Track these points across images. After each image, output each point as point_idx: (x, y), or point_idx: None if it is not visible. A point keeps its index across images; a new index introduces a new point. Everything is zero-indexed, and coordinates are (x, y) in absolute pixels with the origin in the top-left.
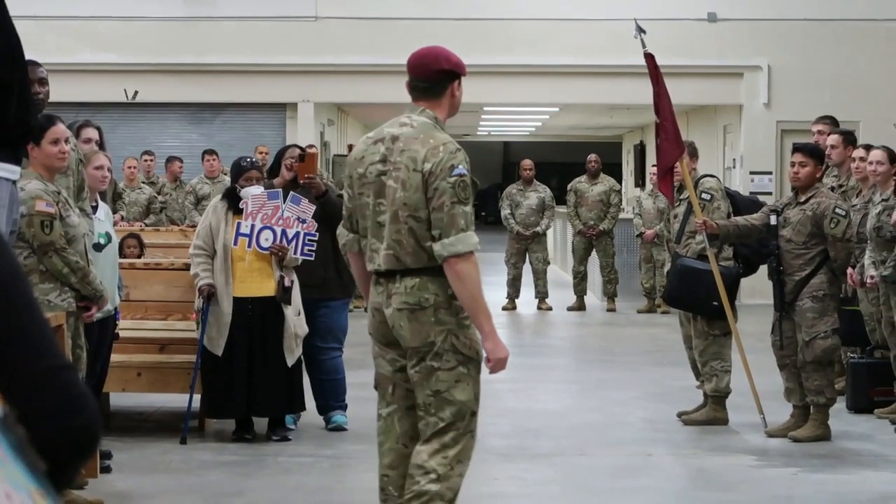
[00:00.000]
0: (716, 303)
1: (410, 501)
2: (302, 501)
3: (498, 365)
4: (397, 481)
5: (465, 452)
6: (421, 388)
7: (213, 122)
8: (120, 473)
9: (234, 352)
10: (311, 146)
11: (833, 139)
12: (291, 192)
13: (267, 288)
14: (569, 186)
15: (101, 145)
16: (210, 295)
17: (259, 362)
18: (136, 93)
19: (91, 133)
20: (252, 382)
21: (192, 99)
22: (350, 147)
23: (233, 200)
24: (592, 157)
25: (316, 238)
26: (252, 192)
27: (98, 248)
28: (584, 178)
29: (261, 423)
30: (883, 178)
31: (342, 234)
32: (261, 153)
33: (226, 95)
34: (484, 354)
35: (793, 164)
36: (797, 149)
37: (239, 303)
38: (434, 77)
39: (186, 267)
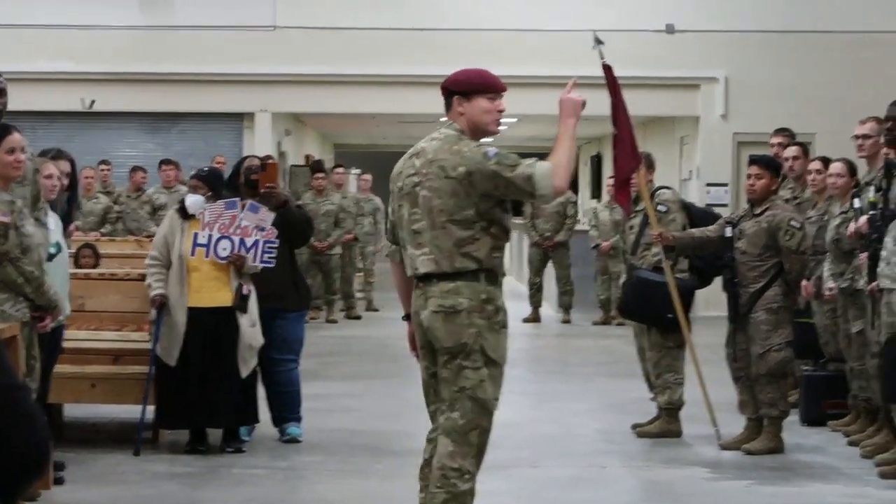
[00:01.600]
0: (671, 315)
1: (448, 502)
2: None
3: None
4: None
5: (484, 448)
6: (448, 384)
7: (170, 132)
8: (73, 485)
9: (188, 362)
10: (268, 157)
11: (794, 150)
12: (249, 201)
13: (222, 298)
14: None
15: (72, 177)
16: (162, 305)
17: (213, 373)
18: (92, 102)
19: (52, 170)
20: (206, 393)
21: (150, 108)
22: (307, 157)
23: (183, 208)
24: None
25: (276, 245)
26: (188, 201)
27: (49, 257)
28: None
29: (215, 435)
30: (842, 191)
31: (386, 245)
32: (218, 163)
33: (183, 105)
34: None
35: (749, 177)
36: (753, 161)
37: (194, 313)
38: (444, 94)
39: (142, 277)
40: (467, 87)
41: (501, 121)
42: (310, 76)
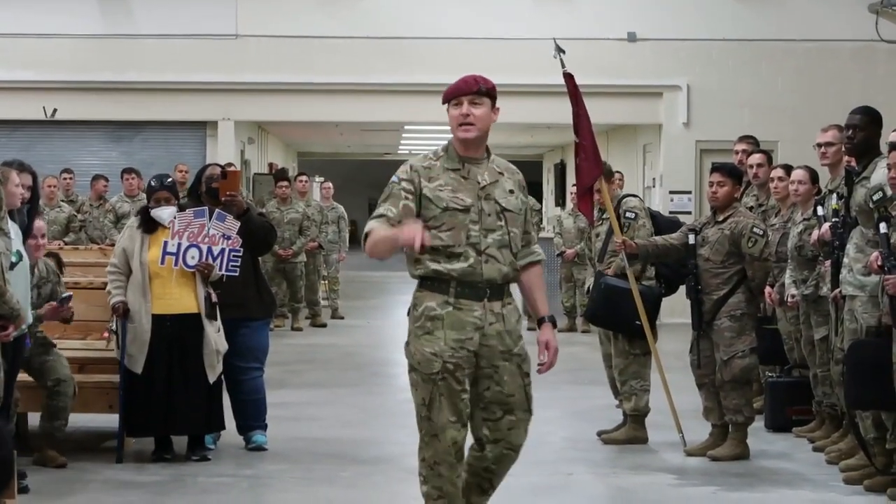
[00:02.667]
0: (638, 322)
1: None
2: None
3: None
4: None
5: (430, 455)
6: None
7: (132, 141)
8: (38, 494)
9: (153, 370)
10: (229, 164)
11: (758, 158)
12: (217, 210)
13: (186, 305)
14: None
15: (33, 191)
16: (125, 312)
17: (178, 380)
18: (55, 110)
19: (17, 179)
20: (171, 401)
21: (112, 117)
22: (271, 166)
23: (145, 219)
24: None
25: (240, 254)
26: (162, 215)
27: (10, 266)
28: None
29: (180, 443)
30: (804, 198)
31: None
32: (180, 171)
33: (145, 113)
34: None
35: (711, 184)
36: (715, 168)
37: (158, 320)
38: None
39: (105, 286)
40: (444, 100)
41: (463, 128)
42: (272, 85)
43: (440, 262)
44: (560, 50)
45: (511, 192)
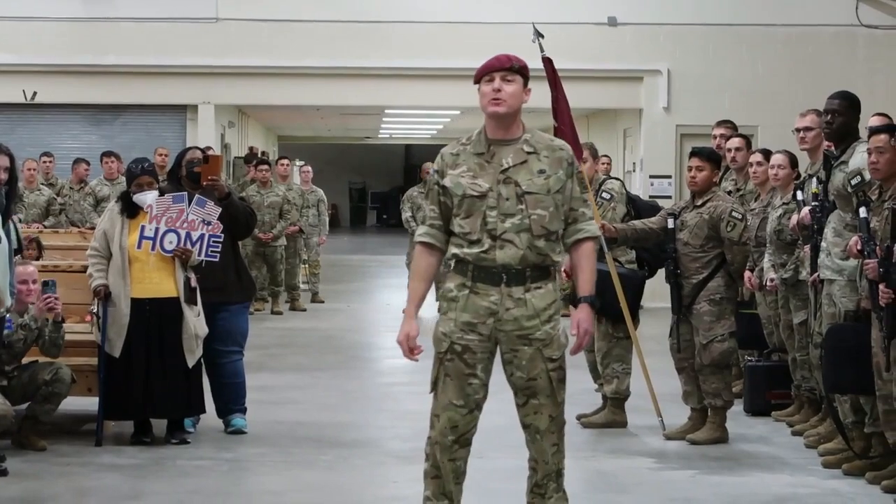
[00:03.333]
0: (620, 305)
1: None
2: None
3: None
4: None
5: (433, 435)
6: None
7: (112, 124)
8: (16, 477)
9: (132, 353)
10: (208, 148)
11: (737, 142)
12: (197, 195)
13: (165, 289)
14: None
15: (11, 173)
16: (107, 295)
17: (158, 364)
18: (34, 94)
19: None
20: (150, 384)
21: (92, 100)
22: (251, 149)
23: (127, 204)
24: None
25: (221, 240)
26: (146, 199)
27: None
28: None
29: (159, 426)
30: (784, 182)
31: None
32: (160, 155)
33: (126, 97)
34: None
35: (690, 169)
36: (694, 153)
37: (137, 304)
38: None
39: (85, 269)
40: (476, 79)
41: (493, 102)
42: (253, 68)
43: (462, 247)
44: (539, 34)
45: (542, 172)
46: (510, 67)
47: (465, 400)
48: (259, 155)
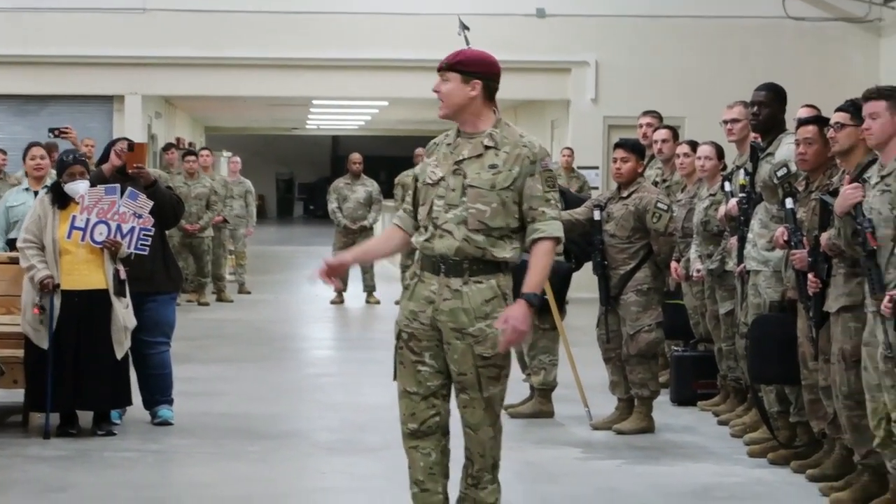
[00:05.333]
0: (545, 296)
1: None
2: (127, 496)
3: None
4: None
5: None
6: None
7: (39, 115)
8: None
9: (60, 345)
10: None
11: (663, 133)
12: (129, 188)
13: (95, 281)
14: (396, 180)
15: None
16: (55, 287)
17: (86, 356)
18: None
19: None
20: (78, 376)
21: (18, 91)
22: (178, 140)
23: (58, 195)
24: (420, 150)
25: (151, 233)
26: (78, 189)
27: None
28: (410, 172)
29: (86, 418)
30: (710, 173)
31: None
32: (87, 146)
33: (52, 87)
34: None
35: (615, 160)
36: (619, 145)
37: (66, 296)
38: None
39: (10, 260)
40: None
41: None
42: (180, 59)
43: (418, 236)
44: (464, 27)
45: (493, 167)
46: (442, 67)
47: (417, 387)
48: (187, 146)
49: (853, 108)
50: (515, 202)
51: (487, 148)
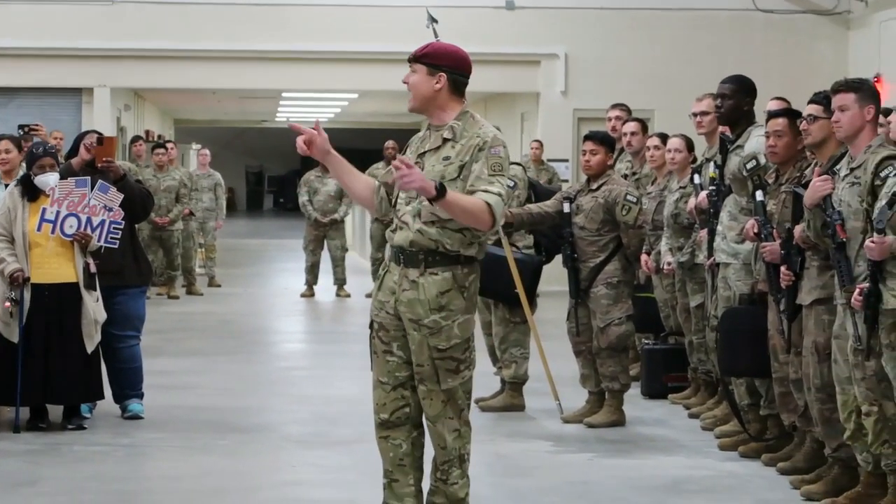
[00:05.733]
0: (517, 290)
1: None
2: (98, 490)
3: None
4: None
5: None
6: None
7: (7, 107)
8: None
9: (30, 338)
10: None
11: (633, 126)
12: (100, 181)
13: (65, 274)
14: (366, 173)
15: None
16: (25, 280)
17: (56, 349)
18: None
19: None
20: (48, 370)
21: None
22: (147, 132)
23: (28, 187)
24: (390, 143)
25: (122, 227)
26: (49, 181)
27: None
28: (381, 164)
29: (56, 412)
30: (680, 166)
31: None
32: (56, 138)
33: (20, 80)
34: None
35: (584, 153)
36: (588, 137)
37: (36, 289)
38: None
39: None
40: None
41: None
42: (149, 51)
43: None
44: (433, 19)
45: (446, 159)
46: (411, 59)
47: (387, 377)
48: (156, 139)
49: (826, 101)
50: (463, 191)
51: (445, 140)
